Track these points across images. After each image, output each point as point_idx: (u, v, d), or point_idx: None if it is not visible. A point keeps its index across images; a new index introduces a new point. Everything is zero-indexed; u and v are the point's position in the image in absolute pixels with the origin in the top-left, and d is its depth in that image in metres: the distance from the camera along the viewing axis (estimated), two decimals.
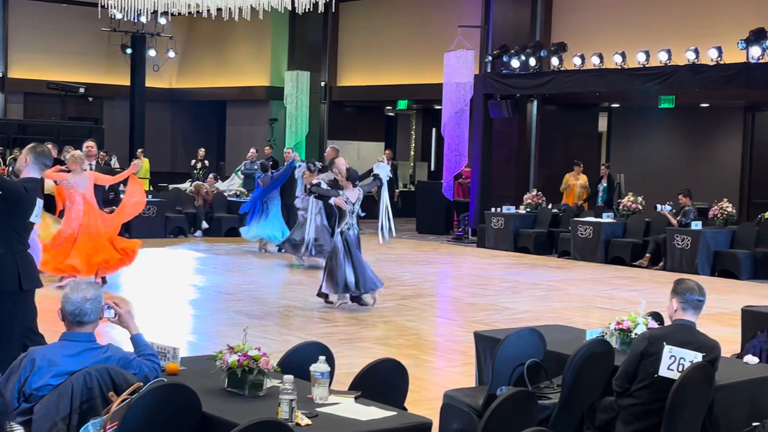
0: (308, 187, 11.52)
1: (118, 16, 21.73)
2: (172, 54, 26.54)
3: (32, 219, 6.47)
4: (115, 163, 23.02)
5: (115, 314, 4.88)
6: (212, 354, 4.89)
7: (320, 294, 11.58)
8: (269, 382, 4.73)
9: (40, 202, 6.53)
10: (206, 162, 23.63)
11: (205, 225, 19.73)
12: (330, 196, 11.28)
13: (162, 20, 25.23)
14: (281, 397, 4.27)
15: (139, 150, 24.05)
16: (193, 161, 23.59)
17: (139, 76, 26.36)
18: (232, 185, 21.72)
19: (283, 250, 15.97)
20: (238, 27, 23.70)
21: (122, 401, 4.28)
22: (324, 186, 11.56)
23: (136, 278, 13.52)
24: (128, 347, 4.83)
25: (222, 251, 17.31)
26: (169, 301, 11.99)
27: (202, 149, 24.03)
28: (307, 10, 18.06)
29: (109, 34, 25.49)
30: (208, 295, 12.53)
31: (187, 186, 22.09)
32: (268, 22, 24.23)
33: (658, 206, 16.80)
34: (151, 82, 26.82)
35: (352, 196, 11.35)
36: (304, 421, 4.27)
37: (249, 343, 4.82)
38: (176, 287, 13.13)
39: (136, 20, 23.91)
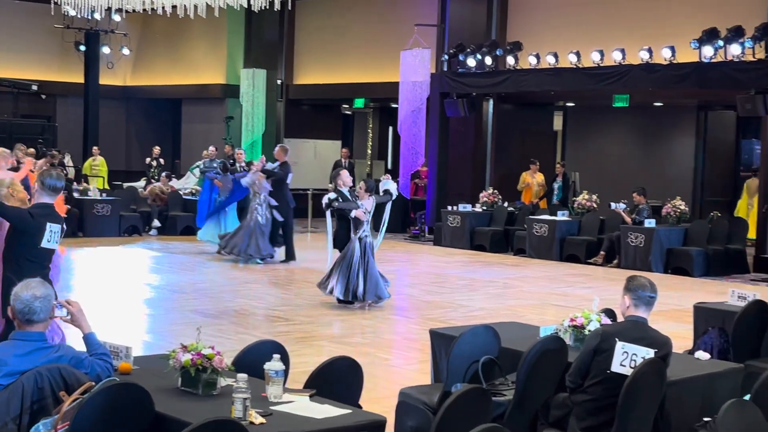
0: (326, 203, 11.58)
1: (72, 12, 21.55)
2: (126, 51, 26.30)
3: (44, 245, 6.31)
4: (68, 161, 22.80)
5: (68, 313, 4.84)
6: (165, 353, 4.86)
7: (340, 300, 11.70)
8: (223, 381, 4.71)
9: (55, 227, 6.36)
10: (161, 160, 23.45)
11: (157, 223, 19.59)
12: (351, 209, 11.44)
13: (116, 17, 25.01)
14: (235, 395, 4.26)
15: (95, 148, 23.83)
16: (148, 159, 23.40)
17: (92, 73, 26.10)
18: (187, 183, 21.58)
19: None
20: (193, 24, 23.56)
21: (74, 401, 4.24)
22: (339, 200, 11.62)
23: (91, 277, 13.39)
24: (81, 347, 4.78)
25: (177, 250, 17.20)
26: (123, 300, 11.88)
27: (157, 147, 23.85)
28: (263, 8, 17.99)
29: (63, 31, 25.21)
30: (162, 294, 12.44)
31: (141, 184, 21.92)
32: (223, 19, 24.11)
33: (612, 204, 16.94)
34: (105, 79, 26.56)
35: (369, 205, 11.54)
36: (258, 419, 4.26)
37: (203, 341, 4.80)
38: (131, 286, 13.03)
39: (90, 17, 23.65)
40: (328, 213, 11.79)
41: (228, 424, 3.99)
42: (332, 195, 11.71)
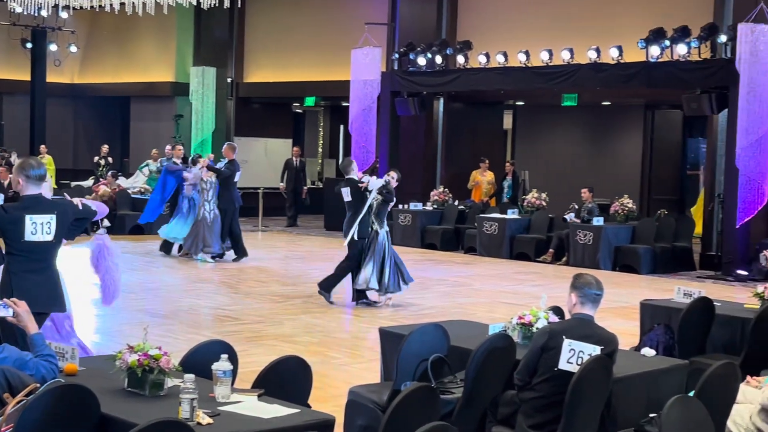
0: (381, 186, 11.87)
1: (18, 9, 21.19)
2: (74, 49, 25.99)
3: (29, 238, 5.89)
4: (15, 160, 22.48)
5: (14, 313, 4.78)
6: (112, 354, 4.82)
7: (359, 297, 11.88)
8: (170, 382, 4.68)
9: (41, 218, 5.93)
10: (110, 159, 23.21)
11: (106, 223, 19.34)
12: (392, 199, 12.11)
13: (63, 14, 24.70)
14: (182, 396, 4.23)
15: (42, 147, 23.53)
16: (97, 158, 23.16)
17: (39, 71, 25.76)
18: (136, 182, 21.39)
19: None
20: (142, 22, 23.34)
21: (18, 403, 4.18)
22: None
23: None
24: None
25: (125, 249, 17.01)
26: (71, 300, 11.72)
27: (106, 146, 23.62)
28: (212, 6, 17.87)
29: (9, 28, 24.85)
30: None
31: (90, 183, 21.68)
32: (172, 17, 23.91)
33: (566, 216, 17.05)
34: (52, 77, 26.22)
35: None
36: (206, 420, 4.24)
37: (150, 342, 4.77)
38: (79, 286, 12.86)
39: (36, 14, 23.33)
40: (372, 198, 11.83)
41: (175, 424, 3.96)
42: (380, 181, 11.98)
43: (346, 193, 11.91)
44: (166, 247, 16.36)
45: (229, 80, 25.21)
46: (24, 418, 4.05)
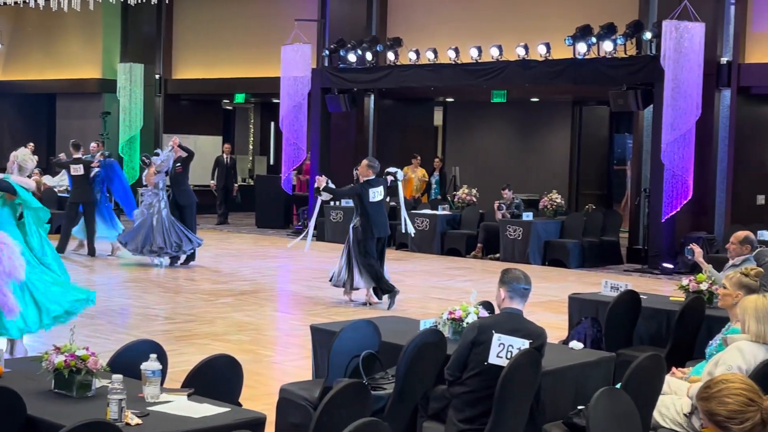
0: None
1: None
2: None
3: None
4: None
5: None
6: (38, 355, 4.75)
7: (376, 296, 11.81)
8: (98, 382, 4.63)
9: None
10: (36, 157, 22.76)
11: None
12: None
13: None
14: (110, 396, 4.19)
15: None
16: None
17: None
18: (62, 181, 21.04)
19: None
20: (67, 18, 22.96)
21: None
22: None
23: None
24: None
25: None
26: None
27: (31, 144, 23.12)
28: (140, 1, 17.67)
29: None
30: None
31: None
32: (99, 12, 23.55)
33: (498, 214, 17.17)
34: None
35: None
36: (135, 420, 4.20)
37: (78, 342, 4.71)
38: None
39: None
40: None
41: (102, 425, 3.92)
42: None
43: (380, 192, 11.85)
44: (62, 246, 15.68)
45: (157, 77, 24.93)
46: None
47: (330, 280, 11.89)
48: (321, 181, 12.02)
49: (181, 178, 15.15)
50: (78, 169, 15.87)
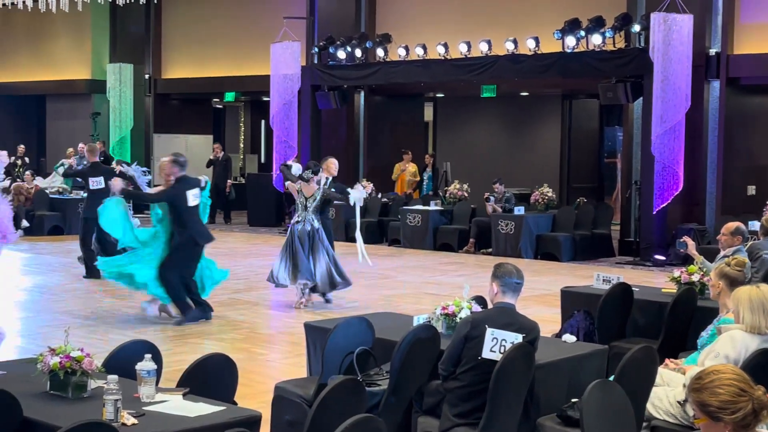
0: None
1: None
2: None
3: None
4: None
5: None
6: (33, 357, 4.76)
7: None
8: (94, 383, 4.64)
9: None
10: (26, 159, 22.78)
11: (25, 223, 19.01)
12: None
13: None
14: (105, 397, 4.20)
15: None
16: (13, 158, 22.69)
17: None
18: (54, 182, 21.02)
19: None
20: (56, 19, 22.93)
21: None
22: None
23: None
24: None
25: (45, 250, 16.75)
26: None
27: (22, 146, 23.17)
28: (128, 1, 17.64)
29: None
30: (32, 296, 12.12)
31: (6, 184, 21.22)
32: (87, 13, 23.54)
33: (489, 206, 17.21)
34: None
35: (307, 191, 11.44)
36: (131, 420, 4.21)
37: (72, 343, 4.71)
38: None
39: None
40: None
41: (99, 426, 3.93)
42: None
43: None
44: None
45: (146, 77, 24.90)
46: None
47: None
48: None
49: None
50: (98, 182, 13.30)
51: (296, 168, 12.08)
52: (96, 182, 13.29)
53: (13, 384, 4.57)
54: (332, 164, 12.57)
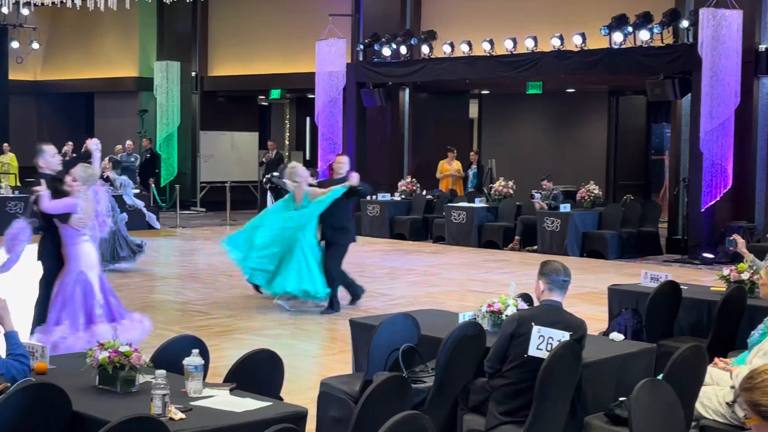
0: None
1: None
2: (36, 45, 25.76)
3: None
4: None
5: None
6: (82, 351, 4.80)
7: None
8: (142, 378, 4.68)
9: None
10: (75, 156, 23.00)
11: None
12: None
13: (24, 11, 24.42)
14: (153, 392, 4.23)
15: (5, 144, 23.30)
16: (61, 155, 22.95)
17: (1, 68, 25.54)
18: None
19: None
20: (104, 17, 23.15)
21: None
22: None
23: (10, 275, 13.09)
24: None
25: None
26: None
27: (70, 143, 23.40)
28: (175, 0, 17.77)
29: None
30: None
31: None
32: (135, 11, 23.75)
33: (536, 200, 17.14)
34: (14, 74, 25.98)
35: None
36: (178, 415, 4.24)
37: (120, 339, 4.76)
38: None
39: None
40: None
41: (147, 421, 3.96)
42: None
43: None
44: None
45: (193, 74, 25.09)
46: None
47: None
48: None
49: None
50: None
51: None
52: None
53: (63, 378, 4.62)
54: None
